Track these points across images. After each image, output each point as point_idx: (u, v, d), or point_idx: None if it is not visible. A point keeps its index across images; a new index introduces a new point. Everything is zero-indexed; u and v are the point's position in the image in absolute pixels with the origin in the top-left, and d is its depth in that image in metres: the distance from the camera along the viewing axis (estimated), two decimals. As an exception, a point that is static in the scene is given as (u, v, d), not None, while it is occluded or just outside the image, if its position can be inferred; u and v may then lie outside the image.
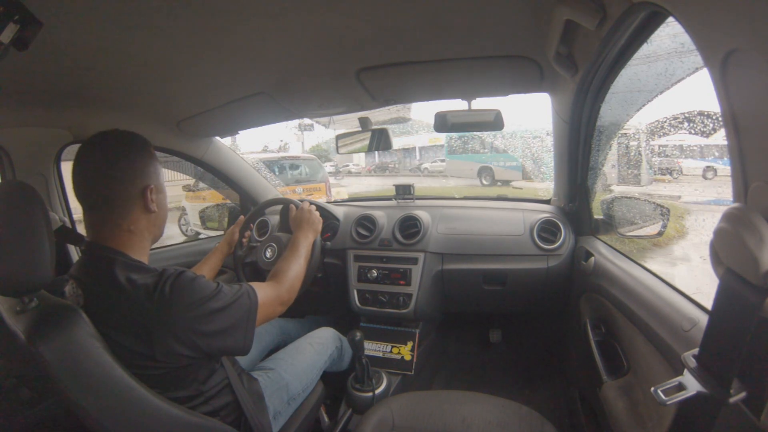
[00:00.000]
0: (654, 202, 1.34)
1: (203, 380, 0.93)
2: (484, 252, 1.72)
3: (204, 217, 2.30)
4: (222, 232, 2.27)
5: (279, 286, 1.09)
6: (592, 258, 1.37)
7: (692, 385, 0.57)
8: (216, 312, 0.88)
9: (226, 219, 2.28)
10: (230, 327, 0.90)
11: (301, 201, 1.62)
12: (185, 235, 7.48)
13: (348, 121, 1.88)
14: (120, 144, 0.91)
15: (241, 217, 1.69)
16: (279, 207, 1.94)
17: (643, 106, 1.20)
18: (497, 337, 2.18)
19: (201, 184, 6.85)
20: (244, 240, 1.65)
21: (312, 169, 7.27)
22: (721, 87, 0.50)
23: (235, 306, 0.92)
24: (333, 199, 2.38)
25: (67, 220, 1.53)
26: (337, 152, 1.93)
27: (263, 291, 1.01)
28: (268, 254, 1.60)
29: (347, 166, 18.54)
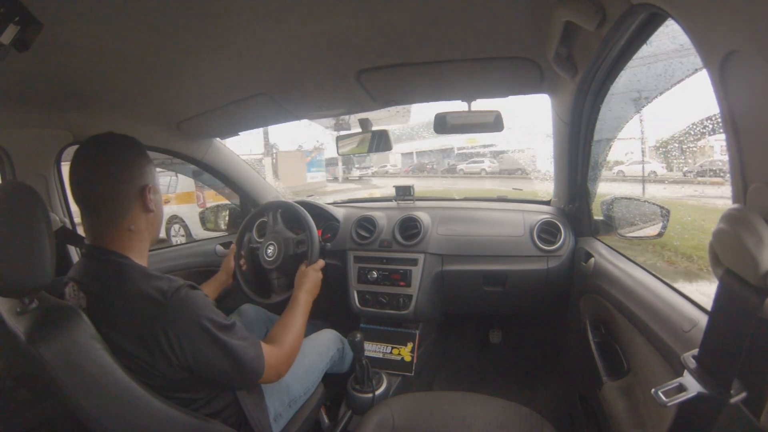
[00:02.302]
0: (654, 203, 1.34)
1: (203, 387, 0.93)
2: (484, 253, 1.72)
3: (203, 218, 2.30)
4: (223, 233, 2.26)
5: (280, 354, 1.05)
6: (592, 259, 1.37)
7: (692, 386, 0.57)
8: (221, 343, 0.87)
9: (227, 219, 2.28)
10: (229, 365, 0.89)
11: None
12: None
13: (382, 121, 1.86)
14: (116, 144, 0.92)
15: (232, 245, 1.68)
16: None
17: (643, 107, 1.20)
18: (497, 338, 2.18)
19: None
20: (242, 264, 1.65)
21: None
22: (720, 88, 0.50)
23: (242, 350, 0.91)
24: (334, 200, 2.38)
25: (67, 221, 1.52)
26: (338, 153, 1.94)
27: (267, 353, 0.99)
28: (270, 252, 1.60)
29: (385, 167, 18.07)
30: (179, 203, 6.47)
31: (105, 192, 0.89)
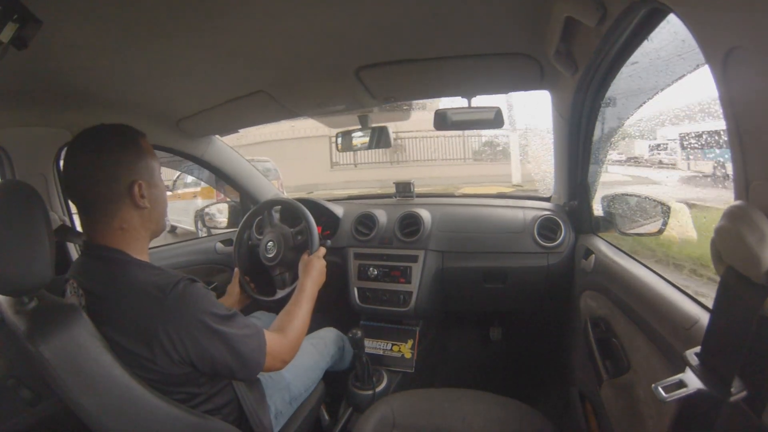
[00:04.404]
0: (654, 200, 1.34)
1: (205, 382, 0.93)
2: (484, 250, 1.72)
3: (203, 216, 2.30)
4: (225, 231, 2.26)
5: (285, 343, 1.04)
6: (593, 256, 1.37)
7: (693, 382, 0.57)
8: (221, 335, 0.86)
9: (227, 218, 2.28)
10: (231, 357, 0.88)
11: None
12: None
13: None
14: (102, 141, 0.89)
15: (236, 270, 1.61)
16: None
17: (644, 103, 1.20)
18: (498, 335, 2.18)
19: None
20: (252, 288, 1.61)
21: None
22: (723, 84, 0.50)
23: (244, 340, 0.90)
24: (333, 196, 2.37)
25: (66, 219, 1.52)
26: (338, 150, 1.94)
27: (271, 341, 0.98)
28: (269, 248, 1.60)
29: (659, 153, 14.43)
30: (203, 198, 6.94)
31: (90, 192, 0.87)
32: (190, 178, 7.27)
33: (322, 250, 1.48)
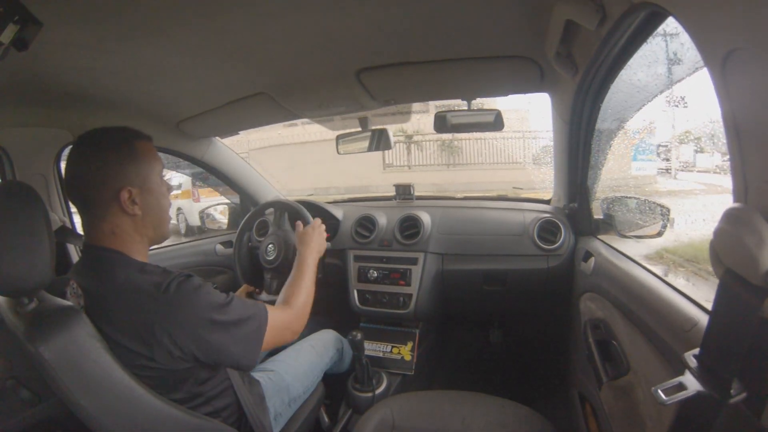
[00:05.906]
0: (654, 202, 1.34)
1: (204, 381, 0.92)
2: (484, 252, 1.72)
3: (203, 217, 2.30)
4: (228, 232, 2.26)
5: (291, 313, 1.04)
6: (592, 258, 1.37)
7: (692, 384, 0.57)
8: (220, 324, 0.86)
9: (227, 217, 2.28)
10: (232, 343, 0.88)
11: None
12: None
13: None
14: (94, 144, 0.88)
15: (245, 285, 1.64)
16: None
17: (644, 105, 1.20)
18: (498, 337, 2.17)
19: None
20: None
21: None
22: (722, 87, 0.50)
23: (243, 324, 0.90)
24: (334, 199, 2.37)
25: (67, 220, 1.53)
26: (337, 152, 1.94)
27: (275, 315, 0.97)
28: (270, 250, 1.60)
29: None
30: (183, 198, 7.74)
31: (80, 194, 0.87)
32: (175, 182, 7.81)
33: (318, 220, 1.42)
